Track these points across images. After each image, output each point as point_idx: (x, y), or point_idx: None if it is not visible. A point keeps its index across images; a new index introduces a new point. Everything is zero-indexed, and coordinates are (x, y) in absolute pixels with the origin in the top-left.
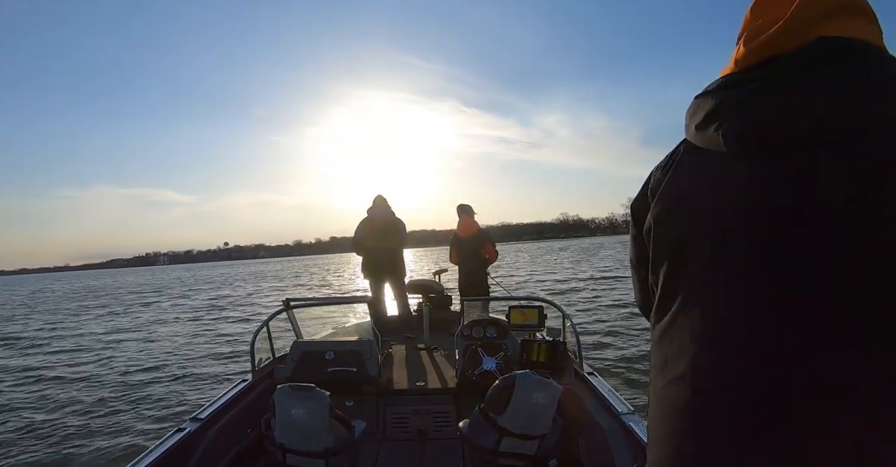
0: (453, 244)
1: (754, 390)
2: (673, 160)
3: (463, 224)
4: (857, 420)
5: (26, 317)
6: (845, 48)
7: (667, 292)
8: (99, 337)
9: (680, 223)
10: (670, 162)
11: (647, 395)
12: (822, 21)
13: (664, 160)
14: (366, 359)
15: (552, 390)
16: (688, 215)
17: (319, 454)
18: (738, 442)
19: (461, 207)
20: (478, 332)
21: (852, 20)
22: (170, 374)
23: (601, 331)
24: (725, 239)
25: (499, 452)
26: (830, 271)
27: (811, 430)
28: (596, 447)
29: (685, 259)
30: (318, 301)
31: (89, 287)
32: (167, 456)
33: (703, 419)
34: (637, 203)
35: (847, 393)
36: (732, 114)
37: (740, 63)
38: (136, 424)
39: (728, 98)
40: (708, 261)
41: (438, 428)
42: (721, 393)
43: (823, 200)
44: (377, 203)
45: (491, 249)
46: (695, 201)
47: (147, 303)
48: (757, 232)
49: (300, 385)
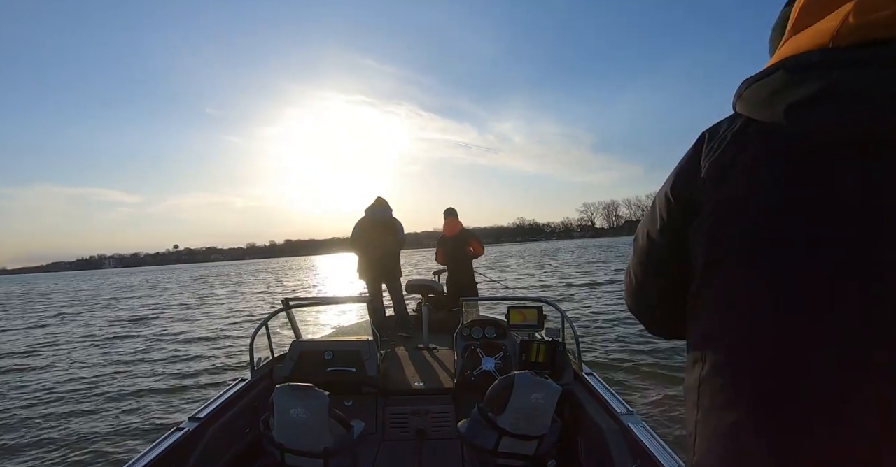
0: (440, 244)
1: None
2: (740, 141)
3: (448, 225)
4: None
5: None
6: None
7: (730, 291)
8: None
9: (761, 216)
10: (737, 141)
11: (645, 396)
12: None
13: (723, 139)
14: (365, 359)
15: (551, 390)
16: (772, 209)
17: (318, 454)
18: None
19: (447, 211)
20: (477, 332)
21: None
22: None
23: (600, 332)
24: (820, 238)
25: (498, 452)
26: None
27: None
28: (594, 447)
29: (766, 258)
30: (318, 301)
31: (11, 293)
32: (166, 456)
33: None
34: (682, 188)
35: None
36: (856, 100)
37: (841, 39)
38: (134, 423)
39: (847, 80)
40: (797, 261)
41: (437, 429)
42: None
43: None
44: (376, 203)
45: (476, 245)
46: (781, 193)
47: (55, 315)
48: (863, 235)
49: (299, 385)
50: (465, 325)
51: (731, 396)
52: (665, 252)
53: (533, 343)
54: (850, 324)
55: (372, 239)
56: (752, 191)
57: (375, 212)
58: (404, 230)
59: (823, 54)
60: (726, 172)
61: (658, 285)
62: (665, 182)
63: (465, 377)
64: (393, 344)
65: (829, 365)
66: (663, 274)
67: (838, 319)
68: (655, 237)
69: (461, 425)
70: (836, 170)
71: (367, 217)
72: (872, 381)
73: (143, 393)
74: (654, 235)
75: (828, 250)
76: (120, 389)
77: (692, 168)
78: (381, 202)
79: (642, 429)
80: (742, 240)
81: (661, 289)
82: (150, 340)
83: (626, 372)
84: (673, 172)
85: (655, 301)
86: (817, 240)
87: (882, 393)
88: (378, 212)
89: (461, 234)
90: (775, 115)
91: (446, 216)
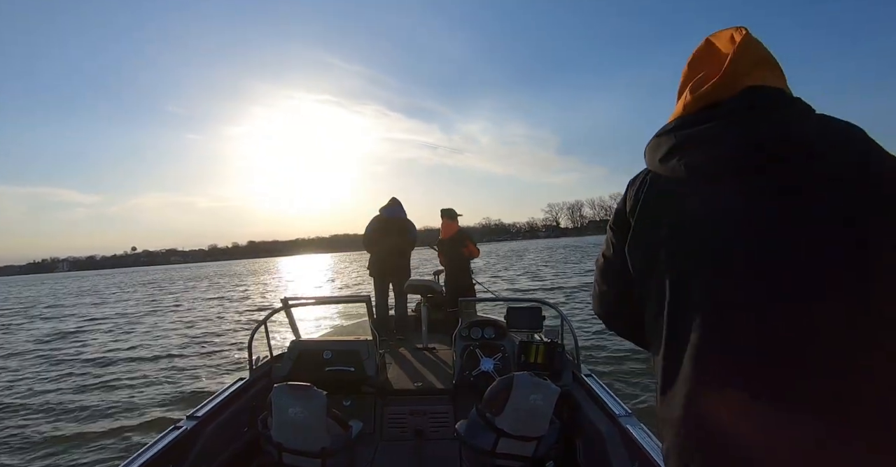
0: (438, 247)
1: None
2: (642, 186)
3: (445, 227)
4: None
5: None
6: (771, 94)
7: (674, 298)
8: None
9: (663, 236)
10: (640, 187)
11: (644, 398)
12: (747, 75)
13: (636, 186)
14: (364, 359)
15: (550, 391)
16: (667, 229)
17: (316, 453)
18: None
19: (444, 211)
20: (476, 333)
21: (767, 72)
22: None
23: (599, 333)
24: (719, 246)
25: (496, 453)
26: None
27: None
28: (593, 449)
29: (683, 267)
30: (316, 300)
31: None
32: (164, 454)
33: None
34: (618, 221)
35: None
36: (693, 148)
37: (688, 108)
38: (132, 422)
39: (687, 136)
40: (709, 266)
41: (436, 429)
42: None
43: (805, 209)
44: (390, 203)
45: (471, 246)
46: (672, 218)
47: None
48: (746, 239)
49: (297, 384)
50: (465, 326)
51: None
52: (616, 266)
53: (532, 344)
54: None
55: (383, 237)
56: (643, 217)
57: (388, 211)
58: (416, 230)
59: (678, 121)
60: (635, 206)
61: (613, 292)
62: (610, 218)
63: (463, 377)
64: (392, 344)
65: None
66: (616, 283)
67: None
68: (609, 256)
69: (460, 426)
70: (687, 198)
71: (380, 216)
72: (711, 363)
73: (142, 393)
74: (608, 255)
75: (679, 253)
76: (119, 387)
77: (622, 206)
78: (395, 202)
79: (641, 431)
80: (643, 253)
81: (615, 294)
82: (148, 338)
83: (625, 373)
84: (613, 211)
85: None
86: (671, 248)
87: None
88: (391, 211)
89: (458, 236)
90: (654, 164)
91: (443, 217)
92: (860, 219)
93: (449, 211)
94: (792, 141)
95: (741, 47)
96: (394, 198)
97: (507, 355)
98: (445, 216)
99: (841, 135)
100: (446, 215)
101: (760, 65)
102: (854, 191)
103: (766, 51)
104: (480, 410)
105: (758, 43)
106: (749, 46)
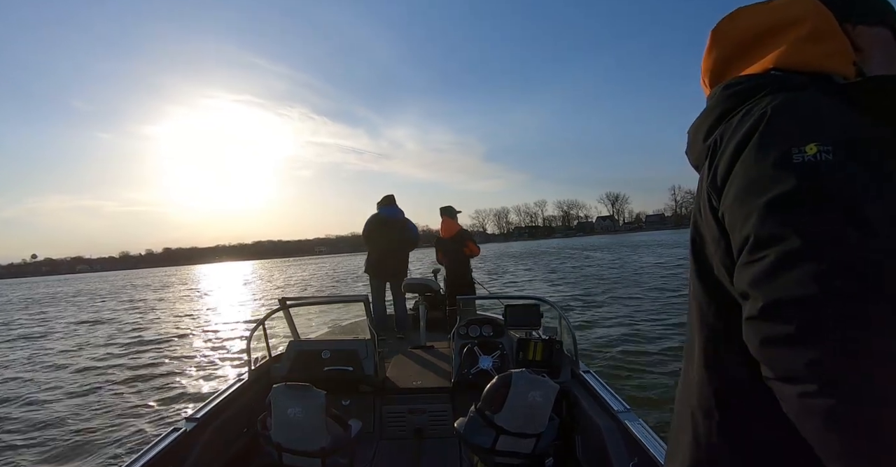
0: (437, 245)
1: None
2: None
3: (445, 226)
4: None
5: None
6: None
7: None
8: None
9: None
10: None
11: (642, 394)
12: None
13: None
14: (362, 358)
15: (548, 388)
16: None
17: (316, 453)
18: None
19: (443, 209)
20: (474, 331)
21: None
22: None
23: (598, 330)
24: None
25: (495, 451)
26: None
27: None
28: (592, 445)
29: None
30: (315, 300)
31: None
32: (163, 456)
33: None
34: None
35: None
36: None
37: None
38: (130, 425)
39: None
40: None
41: (435, 427)
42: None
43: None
44: (385, 201)
45: (472, 246)
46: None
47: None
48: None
49: (296, 384)
50: (463, 324)
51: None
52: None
53: (530, 341)
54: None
55: (381, 236)
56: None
57: (385, 210)
58: (417, 229)
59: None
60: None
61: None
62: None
63: (462, 375)
64: (390, 343)
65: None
66: None
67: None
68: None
69: (459, 424)
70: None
71: (379, 215)
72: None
73: (140, 393)
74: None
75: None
76: (116, 390)
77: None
78: (391, 200)
79: (640, 427)
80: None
81: None
82: (147, 341)
83: (623, 369)
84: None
85: None
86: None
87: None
88: (388, 210)
89: (459, 235)
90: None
91: (443, 215)
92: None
93: (448, 209)
94: (704, 141)
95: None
96: (390, 195)
97: (506, 353)
98: (446, 214)
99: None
100: (447, 213)
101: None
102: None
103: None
104: (479, 408)
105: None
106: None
